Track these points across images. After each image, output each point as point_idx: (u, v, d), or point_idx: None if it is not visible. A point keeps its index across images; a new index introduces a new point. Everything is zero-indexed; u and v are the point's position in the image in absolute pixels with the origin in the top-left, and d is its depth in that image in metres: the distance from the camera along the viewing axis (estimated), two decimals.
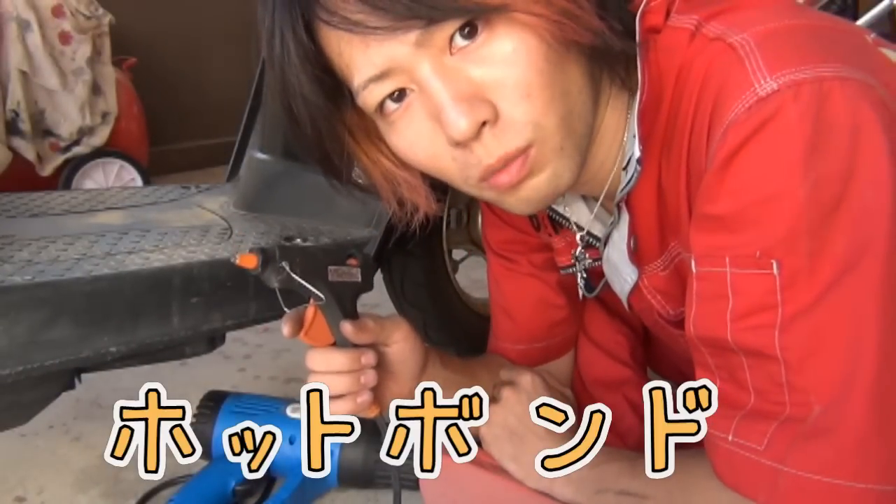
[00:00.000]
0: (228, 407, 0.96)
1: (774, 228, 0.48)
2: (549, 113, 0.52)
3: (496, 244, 0.86)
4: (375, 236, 0.99)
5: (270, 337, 1.42)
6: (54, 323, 0.77)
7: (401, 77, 0.53)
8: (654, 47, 0.57)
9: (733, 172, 0.49)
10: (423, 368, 0.75)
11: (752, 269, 0.49)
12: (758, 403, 0.51)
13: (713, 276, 0.52)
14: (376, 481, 0.91)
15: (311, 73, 0.55)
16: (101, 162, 2.37)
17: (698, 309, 0.54)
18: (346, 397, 0.65)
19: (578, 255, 0.76)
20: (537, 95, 0.51)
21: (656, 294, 0.69)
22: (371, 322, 0.68)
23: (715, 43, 0.53)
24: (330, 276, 0.65)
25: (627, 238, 0.65)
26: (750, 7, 0.55)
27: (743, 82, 0.49)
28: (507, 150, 0.53)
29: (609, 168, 0.63)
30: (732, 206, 0.50)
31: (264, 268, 0.59)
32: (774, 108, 0.47)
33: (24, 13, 2.11)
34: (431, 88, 0.51)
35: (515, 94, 0.51)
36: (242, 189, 1.19)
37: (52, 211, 1.11)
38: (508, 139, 0.52)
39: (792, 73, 0.47)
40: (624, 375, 0.87)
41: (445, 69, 0.51)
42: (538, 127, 0.52)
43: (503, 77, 0.51)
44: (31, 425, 0.87)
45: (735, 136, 0.49)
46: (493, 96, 0.51)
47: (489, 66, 0.51)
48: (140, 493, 0.95)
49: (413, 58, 0.51)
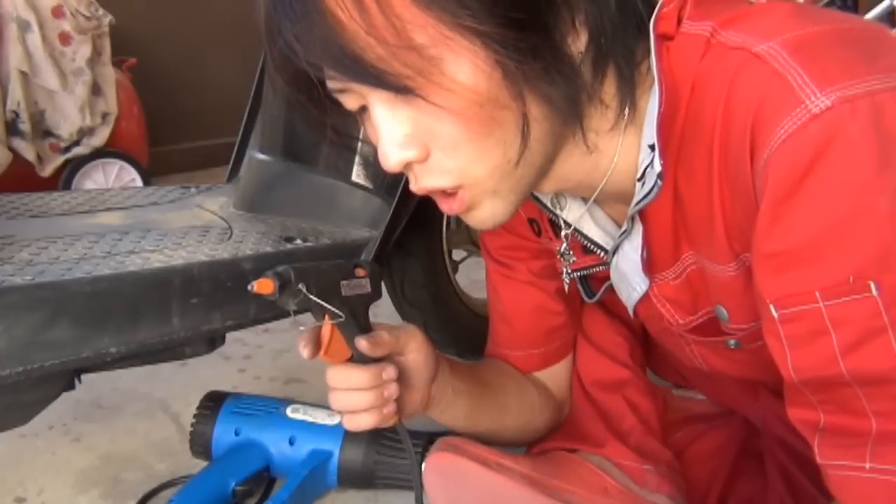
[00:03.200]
0: (228, 407, 0.96)
1: (863, 249, 0.46)
2: (477, 163, 0.54)
3: (495, 250, 0.86)
4: (375, 237, 0.99)
5: (270, 337, 1.42)
6: (54, 323, 0.77)
7: (357, 96, 0.55)
8: (666, 54, 0.56)
9: (803, 201, 0.47)
10: (433, 376, 0.75)
11: (848, 296, 0.47)
12: (884, 425, 0.49)
13: (804, 314, 0.49)
14: (376, 481, 0.91)
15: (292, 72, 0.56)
16: (101, 162, 2.37)
17: (796, 353, 0.51)
18: (371, 411, 0.67)
19: (563, 252, 0.75)
20: (465, 148, 0.53)
21: (666, 303, 0.69)
22: (386, 334, 0.68)
23: (737, 52, 0.52)
24: (343, 290, 0.65)
25: (641, 249, 0.64)
26: (764, 13, 0.54)
27: (789, 98, 0.47)
28: (430, 186, 0.56)
29: (602, 174, 0.62)
30: (808, 236, 0.48)
31: (282, 292, 0.59)
32: (833, 127, 0.46)
33: (24, 13, 2.11)
34: (374, 117, 0.54)
35: (444, 143, 0.53)
36: (242, 189, 1.19)
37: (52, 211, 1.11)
38: (433, 178, 0.55)
39: (842, 89, 0.46)
40: (623, 376, 0.87)
41: (391, 103, 0.53)
42: (465, 174, 0.55)
43: (435, 126, 0.53)
44: (31, 426, 0.87)
45: (796, 162, 0.47)
46: (426, 139, 0.54)
47: (424, 114, 0.52)
48: (140, 493, 0.95)
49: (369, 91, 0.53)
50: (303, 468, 0.89)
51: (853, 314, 0.47)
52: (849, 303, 0.47)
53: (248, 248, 0.94)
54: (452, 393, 0.78)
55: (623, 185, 0.62)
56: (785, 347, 0.51)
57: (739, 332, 0.65)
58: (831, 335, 0.48)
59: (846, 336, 0.48)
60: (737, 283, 0.59)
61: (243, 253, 0.92)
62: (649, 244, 0.64)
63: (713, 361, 0.75)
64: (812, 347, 0.50)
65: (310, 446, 0.92)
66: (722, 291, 0.62)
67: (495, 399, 0.84)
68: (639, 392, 0.87)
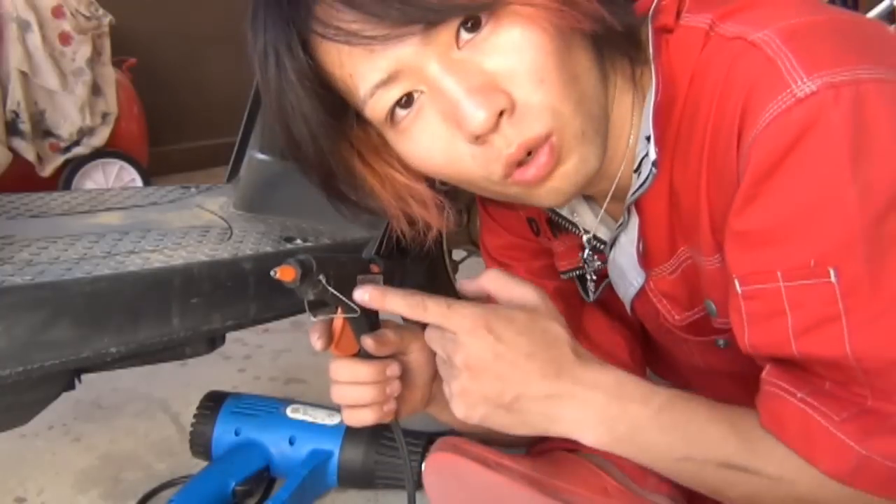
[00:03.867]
0: (228, 407, 0.96)
1: (827, 235, 0.47)
2: (564, 97, 0.51)
3: (494, 250, 0.86)
4: (375, 236, 0.99)
5: (270, 337, 1.42)
6: (54, 323, 0.77)
7: (409, 79, 0.51)
8: (666, 47, 0.56)
9: (778, 182, 0.48)
10: (434, 375, 0.75)
11: (807, 279, 0.48)
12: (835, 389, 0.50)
13: (764, 293, 0.50)
14: (376, 481, 0.91)
15: (310, 89, 0.53)
16: (101, 162, 2.38)
17: (753, 329, 0.52)
18: (371, 406, 0.67)
19: (587, 258, 0.75)
20: (551, 80, 0.50)
21: (662, 298, 0.69)
22: (391, 334, 0.68)
23: (734, 42, 0.52)
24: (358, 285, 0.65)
25: (636, 241, 0.64)
26: (763, 4, 0.54)
27: (777, 82, 0.48)
28: (527, 137, 0.51)
29: (616, 166, 0.62)
30: (778, 217, 0.48)
31: (303, 280, 0.58)
32: (815, 112, 0.46)
33: (24, 13, 2.11)
34: (444, 85, 0.50)
35: (529, 81, 0.50)
36: (242, 189, 1.19)
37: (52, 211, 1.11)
38: (527, 126, 0.51)
39: (829, 75, 0.46)
40: None
41: (455, 64, 0.50)
42: (556, 112, 0.51)
43: (515, 64, 0.50)
44: (31, 426, 0.87)
45: (776, 144, 0.47)
46: (506, 85, 0.50)
47: (499, 56, 0.50)
48: (140, 493, 0.95)
49: (420, 57, 0.50)
50: (303, 468, 0.89)
51: (810, 298, 0.48)
52: (807, 286, 0.48)
53: (248, 248, 0.94)
54: None
55: (623, 178, 0.62)
56: (744, 323, 0.53)
57: (726, 327, 0.65)
58: (787, 316, 0.50)
59: (801, 319, 0.49)
60: (720, 276, 0.59)
61: (243, 253, 0.92)
62: (645, 237, 0.64)
63: (709, 358, 0.75)
64: (768, 326, 0.51)
65: (310, 446, 0.92)
66: (709, 284, 0.62)
67: None
68: None
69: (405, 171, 0.60)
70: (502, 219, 0.84)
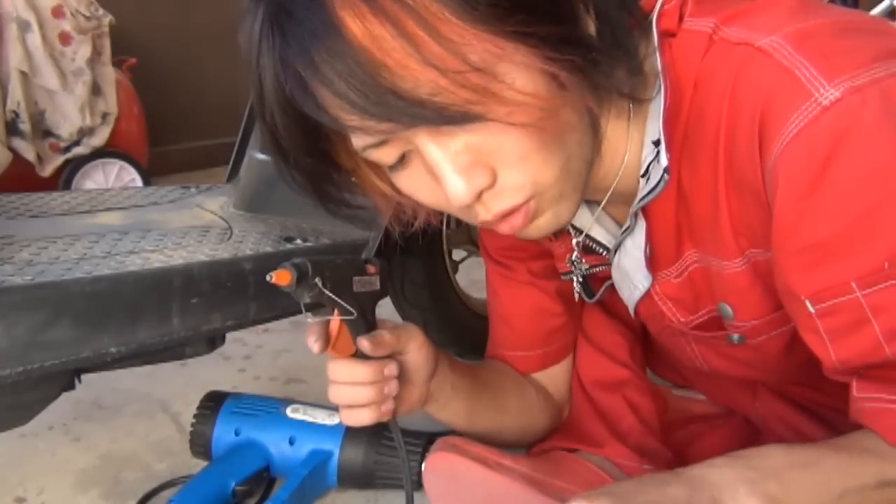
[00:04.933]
0: (228, 407, 0.96)
1: (894, 233, 0.47)
2: (546, 169, 0.52)
3: (494, 251, 0.86)
4: (375, 236, 0.99)
5: (270, 337, 1.42)
6: (54, 323, 0.77)
7: (399, 143, 0.52)
8: (668, 51, 0.56)
9: (826, 193, 0.47)
10: (433, 373, 0.75)
11: (885, 282, 0.48)
12: None
13: (842, 306, 0.50)
14: (376, 481, 0.91)
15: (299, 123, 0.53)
16: (101, 162, 2.38)
17: (839, 345, 0.51)
18: (370, 406, 0.67)
19: (574, 260, 0.75)
20: (534, 158, 0.51)
21: (667, 301, 0.69)
22: (388, 335, 0.68)
23: (740, 47, 0.52)
24: (354, 286, 0.65)
25: (644, 245, 0.64)
26: (766, 8, 0.54)
27: (799, 92, 0.47)
28: (504, 208, 0.53)
29: (611, 180, 0.62)
30: (836, 228, 0.48)
31: (299, 284, 0.59)
32: (847, 117, 0.46)
33: (24, 13, 2.11)
34: (430, 157, 0.51)
35: (512, 160, 0.51)
36: (242, 189, 1.19)
37: (52, 211, 1.11)
38: (506, 199, 0.53)
39: (850, 79, 0.46)
40: (623, 376, 0.87)
41: (442, 137, 0.50)
42: (536, 184, 0.53)
43: (499, 144, 0.51)
44: (31, 426, 0.87)
45: (812, 155, 0.47)
46: (490, 160, 0.51)
47: (484, 135, 0.50)
48: (140, 493, 0.95)
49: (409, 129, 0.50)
50: (303, 468, 0.89)
51: (892, 299, 0.48)
52: (886, 289, 0.48)
53: (248, 248, 0.94)
54: (451, 389, 0.79)
55: (626, 184, 0.62)
56: (826, 342, 0.52)
57: (744, 327, 0.65)
58: (872, 323, 0.49)
59: (887, 322, 0.48)
60: (743, 280, 0.60)
61: (243, 253, 0.92)
62: (652, 241, 0.64)
63: (713, 361, 0.75)
64: (855, 338, 0.50)
65: (310, 446, 0.91)
66: (727, 288, 0.62)
67: (494, 399, 0.84)
68: (639, 392, 0.87)
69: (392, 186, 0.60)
70: None
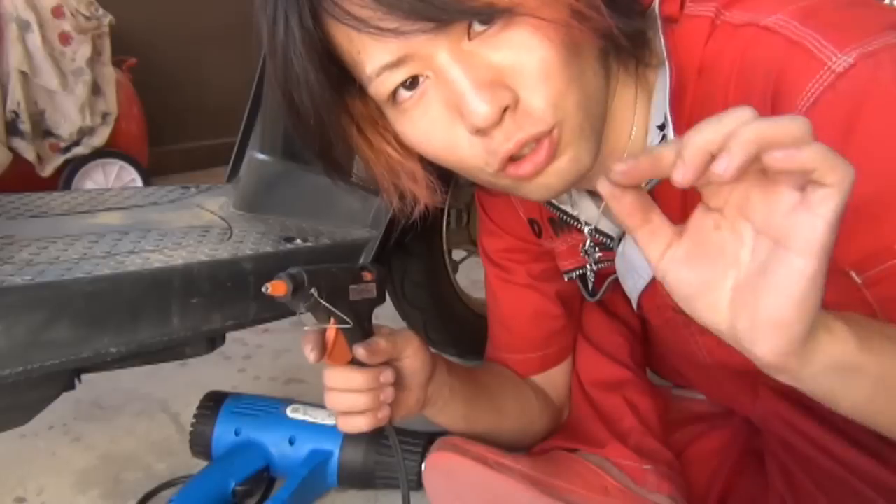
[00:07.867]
0: (228, 407, 0.96)
1: None
2: (568, 95, 0.51)
3: (493, 253, 0.86)
4: (375, 236, 0.99)
5: (270, 337, 1.42)
6: (54, 323, 0.77)
7: (417, 64, 0.51)
8: (671, 36, 0.56)
9: (852, 158, 0.46)
10: (430, 377, 0.75)
11: None
12: None
13: (889, 270, 0.48)
14: (376, 482, 0.91)
15: (317, 62, 0.53)
16: (102, 162, 2.37)
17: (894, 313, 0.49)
18: (366, 413, 0.67)
19: (588, 249, 0.74)
20: (556, 78, 0.50)
21: None
22: (384, 342, 0.68)
23: (745, 29, 0.52)
24: (351, 295, 0.65)
25: None
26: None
27: (810, 61, 0.47)
28: (528, 134, 0.52)
29: (617, 160, 0.62)
30: (871, 192, 0.46)
31: (294, 295, 0.59)
32: (863, 81, 0.46)
33: (24, 13, 2.11)
34: (451, 76, 0.50)
35: (535, 78, 0.50)
36: (242, 189, 1.19)
37: (52, 211, 1.11)
38: (529, 124, 0.51)
39: (860, 46, 0.47)
40: (623, 376, 0.87)
41: (464, 55, 0.50)
42: (559, 109, 0.52)
43: (523, 61, 0.50)
44: (31, 426, 0.87)
45: (832, 121, 0.46)
46: (512, 81, 0.50)
47: (508, 51, 0.50)
48: (140, 493, 0.95)
49: (430, 45, 0.50)
50: (303, 468, 0.89)
51: None
52: None
53: (248, 248, 0.94)
54: (449, 393, 0.79)
55: None
56: (877, 312, 0.50)
57: None
58: None
59: None
60: None
61: (243, 253, 0.92)
62: None
63: (717, 351, 0.75)
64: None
65: (310, 446, 0.92)
66: None
67: (492, 401, 0.84)
68: (639, 392, 0.87)
69: (400, 147, 0.60)
70: (502, 220, 0.84)
